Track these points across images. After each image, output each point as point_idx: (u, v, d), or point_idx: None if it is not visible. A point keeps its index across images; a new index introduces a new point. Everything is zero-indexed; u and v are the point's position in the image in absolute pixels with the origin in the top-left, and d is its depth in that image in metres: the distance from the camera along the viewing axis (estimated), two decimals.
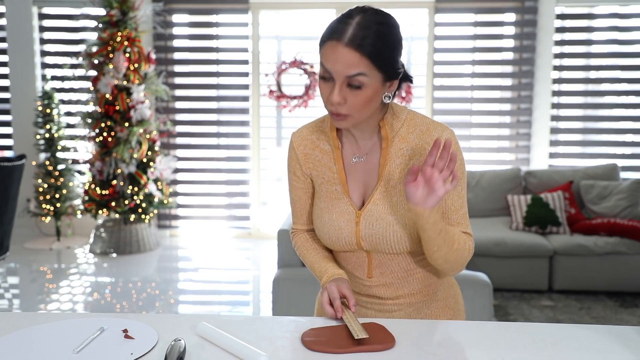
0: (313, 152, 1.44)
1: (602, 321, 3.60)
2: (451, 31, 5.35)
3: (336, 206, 1.39)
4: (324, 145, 1.43)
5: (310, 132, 1.45)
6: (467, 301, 2.44)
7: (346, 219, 1.37)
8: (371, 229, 1.35)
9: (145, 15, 5.12)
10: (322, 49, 1.26)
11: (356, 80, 1.23)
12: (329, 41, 1.24)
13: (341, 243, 1.39)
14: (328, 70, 1.25)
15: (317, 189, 1.44)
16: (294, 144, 1.46)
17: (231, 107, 5.59)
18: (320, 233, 1.43)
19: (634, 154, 5.37)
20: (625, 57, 5.26)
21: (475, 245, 4.09)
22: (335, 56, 1.23)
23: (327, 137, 1.42)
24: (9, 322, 1.31)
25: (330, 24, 1.27)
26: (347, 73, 1.23)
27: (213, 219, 5.71)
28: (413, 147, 1.35)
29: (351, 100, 1.25)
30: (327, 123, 1.44)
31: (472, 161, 5.41)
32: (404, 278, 1.42)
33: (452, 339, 1.23)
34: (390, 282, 1.42)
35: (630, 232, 4.09)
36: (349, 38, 1.22)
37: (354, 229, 1.37)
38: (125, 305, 3.88)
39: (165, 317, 1.34)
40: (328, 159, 1.42)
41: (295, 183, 1.48)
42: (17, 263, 4.80)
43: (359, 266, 1.43)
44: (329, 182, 1.41)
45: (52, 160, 5.24)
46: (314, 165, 1.44)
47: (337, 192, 1.40)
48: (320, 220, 1.41)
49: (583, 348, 1.19)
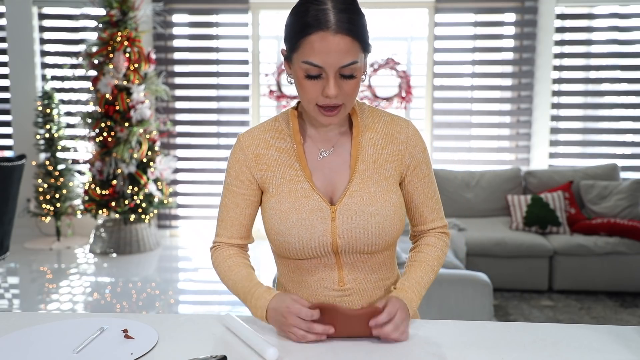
0: (267, 152, 1.32)
1: (602, 321, 3.60)
2: (451, 31, 5.35)
3: (305, 205, 1.27)
4: (281, 144, 1.32)
5: (261, 132, 1.34)
6: (467, 301, 2.45)
7: (319, 217, 1.27)
8: (350, 223, 1.26)
9: (145, 15, 5.12)
10: (305, 41, 1.15)
11: (349, 70, 1.17)
12: (315, 33, 1.14)
13: (313, 245, 1.27)
14: (317, 65, 1.15)
15: (273, 191, 1.31)
16: (243, 144, 1.33)
17: (231, 107, 5.59)
18: (285, 238, 1.28)
19: (634, 154, 5.37)
20: (625, 57, 5.25)
21: (475, 245, 4.10)
22: (327, 47, 1.13)
23: (283, 136, 1.32)
24: (9, 322, 1.31)
25: (300, 16, 1.16)
26: (341, 63, 1.15)
27: (213, 219, 5.70)
28: (383, 135, 1.32)
29: (345, 88, 1.19)
30: (282, 122, 1.34)
31: (472, 161, 5.41)
32: (378, 281, 1.35)
33: (452, 339, 1.22)
34: (364, 289, 1.33)
35: (630, 232, 4.09)
36: (335, 24, 1.13)
37: (329, 226, 1.26)
38: (125, 305, 3.88)
39: (165, 317, 1.35)
40: (287, 157, 1.31)
41: (235, 188, 1.34)
42: (17, 263, 4.80)
43: (328, 275, 1.31)
44: (291, 181, 1.30)
45: (52, 160, 5.24)
46: (267, 166, 1.32)
47: (304, 190, 1.28)
48: (285, 223, 1.27)
49: (583, 348, 1.19)
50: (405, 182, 1.34)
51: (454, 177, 4.81)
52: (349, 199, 1.28)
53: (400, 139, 1.32)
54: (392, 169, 1.31)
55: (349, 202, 1.27)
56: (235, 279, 1.34)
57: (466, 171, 4.92)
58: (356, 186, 1.28)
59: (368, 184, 1.29)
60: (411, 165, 1.33)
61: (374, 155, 1.31)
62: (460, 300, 2.42)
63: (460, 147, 5.45)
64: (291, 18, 1.20)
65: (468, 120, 5.47)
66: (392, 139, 1.32)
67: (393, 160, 1.32)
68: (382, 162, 1.31)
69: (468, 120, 5.47)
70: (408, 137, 1.33)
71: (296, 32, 1.17)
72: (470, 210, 4.75)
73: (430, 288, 2.34)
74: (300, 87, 1.21)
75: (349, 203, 1.27)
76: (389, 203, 1.28)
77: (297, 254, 1.30)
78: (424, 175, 1.35)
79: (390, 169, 1.31)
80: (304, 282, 1.34)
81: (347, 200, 1.28)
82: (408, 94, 5.30)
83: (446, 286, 2.41)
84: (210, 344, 1.21)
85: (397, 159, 1.32)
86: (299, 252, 1.29)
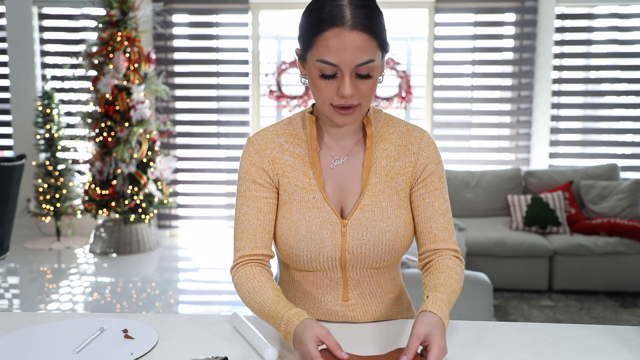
0: (282, 156, 1.26)
1: (602, 321, 3.60)
2: (451, 31, 5.34)
3: (316, 216, 1.23)
4: (295, 149, 1.26)
5: (275, 135, 1.28)
6: (467, 301, 2.45)
7: (329, 230, 1.22)
8: (360, 239, 1.22)
9: (145, 15, 5.12)
10: (320, 38, 1.10)
11: (365, 68, 1.11)
12: (330, 29, 1.09)
13: (322, 259, 1.23)
14: (333, 63, 1.10)
15: (285, 199, 1.25)
16: (258, 147, 1.26)
17: (231, 107, 5.59)
18: (293, 250, 1.24)
19: (634, 154, 5.37)
20: (625, 57, 5.25)
21: (475, 245, 4.10)
22: (343, 44, 1.08)
23: (298, 141, 1.27)
24: (9, 322, 1.31)
25: (315, 13, 1.11)
26: (357, 61, 1.10)
27: (213, 219, 5.71)
28: (396, 146, 1.27)
29: (361, 88, 1.13)
30: (297, 125, 1.28)
31: (472, 161, 5.41)
32: (383, 295, 1.32)
33: (452, 339, 1.22)
34: (368, 303, 1.31)
35: (630, 232, 4.09)
36: (351, 20, 1.08)
37: (339, 241, 1.22)
38: (125, 305, 3.88)
39: (165, 317, 1.34)
40: (301, 164, 1.25)
41: (254, 193, 1.25)
42: (17, 263, 4.80)
43: (333, 288, 1.28)
44: (303, 189, 1.24)
45: (52, 160, 5.23)
46: (283, 172, 1.26)
47: (316, 201, 1.23)
48: (295, 235, 1.23)
49: (583, 348, 1.19)
50: (412, 193, 1.28)
51: (454, 177, 4.81)
52: (361, 213, 1.24)
53: (412, 150, 1.27)
54: (403, 182, 1.27)
55: (360, 217, 1.23)
56: (261, 301, 1.18)
57: (466, 171, 4.92)
58: (367, 200, 1.24)
59: (380, 198, 1.25)
60: (421, 176, 1.27)
61: (387, 168, 1.26)
62: (460, 300, 2.42)
63: (460, 147, 5.45)
64: (306, 15, 1.15)
65: (468, 120, 5.47)
66: (405, 150, 1.27)
67: (405, 172, 1.27)
68: (394, 174, 1.27)
69: (468, 120, 5.47)
70: (420, 148, 1.28)
71: (310, 29, 1.12)
72: (470, 210, 4.75)
73: None
74: (315, 87, 1.15)
75: (360, 218, 1.23)
76: (400, 219, 1.25)
77: (304, 267, 1.27)
78: (435, 189, 1.27)
79: (402, 182, 1.27)
80: (307, 294, 1.31)
81: (358, 214, 1.24)
82: (408, 94, 5.30)
83: None
84: (210, 344, 1.21)
85: (408, 170, 1.27)
86: (307, 264, 1.26)
